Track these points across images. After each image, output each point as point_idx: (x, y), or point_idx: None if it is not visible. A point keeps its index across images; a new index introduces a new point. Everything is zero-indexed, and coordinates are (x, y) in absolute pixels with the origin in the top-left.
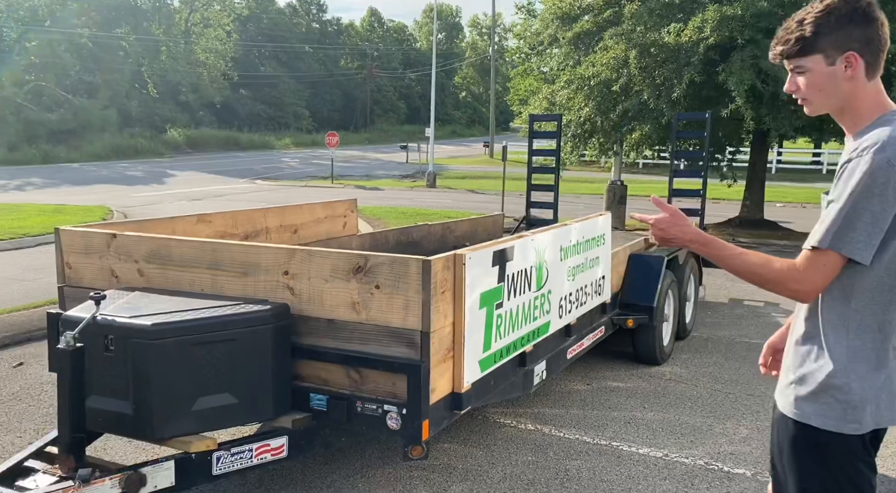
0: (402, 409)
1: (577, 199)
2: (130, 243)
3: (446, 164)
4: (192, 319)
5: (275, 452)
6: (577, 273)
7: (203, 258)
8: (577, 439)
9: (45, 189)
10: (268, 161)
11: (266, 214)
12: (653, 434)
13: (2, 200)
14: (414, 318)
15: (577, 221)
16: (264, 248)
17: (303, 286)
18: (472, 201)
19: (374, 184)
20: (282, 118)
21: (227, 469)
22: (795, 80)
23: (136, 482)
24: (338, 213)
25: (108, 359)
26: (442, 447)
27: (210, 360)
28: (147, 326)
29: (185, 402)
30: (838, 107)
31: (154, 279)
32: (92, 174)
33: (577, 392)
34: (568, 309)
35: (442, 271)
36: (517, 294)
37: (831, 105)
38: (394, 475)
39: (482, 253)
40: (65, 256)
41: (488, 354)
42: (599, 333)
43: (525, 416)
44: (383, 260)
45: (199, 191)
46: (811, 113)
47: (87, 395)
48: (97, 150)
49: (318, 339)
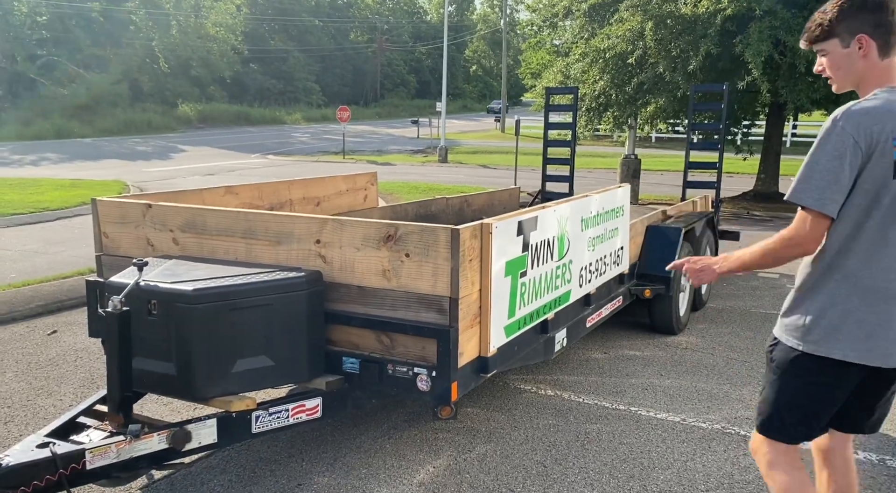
0: (431, 371)
1: (589, 173)
2: (166, 213)
3: (458, 139)
4: (230, 285)
5: (310, 412)
6: (597, 244)
7: (237, 227)
8: (597, 404)
9: (60, 164)
10: (279, 136)
11: (290, 187)
12: (670, 400)
13: (19, 174)
14: (443, 285)
15: (597, 193)
16: (297, 217)
17: (334, 254)
18: (484, 176)
19: (385, 159)
20: (292, 93)
21: (265, 428)
22: (821, 61)
23: (182, 438)
24: (359, 186)
25: (152, 323)
26: (466, 411)
27: (247, 324)
28: (188, 291)
29: (224, 364)
30: (855, 83)
31: (189, 248)
32: (105, 149)
33: (595, 360)
34: (588, 279)
35: (470, 240)
36: (540, 263)
37: (850, 82)
38: (420, 436)
39: (508, 223)
40: (102, 225)
41: (513, 320)
42: (618, 302)
43: (545, 382)
44: (413, 229)
45: (211, 166)
46: (837, 90)
47: (133, 357)
48: (109, 125)
49: (349, 305)
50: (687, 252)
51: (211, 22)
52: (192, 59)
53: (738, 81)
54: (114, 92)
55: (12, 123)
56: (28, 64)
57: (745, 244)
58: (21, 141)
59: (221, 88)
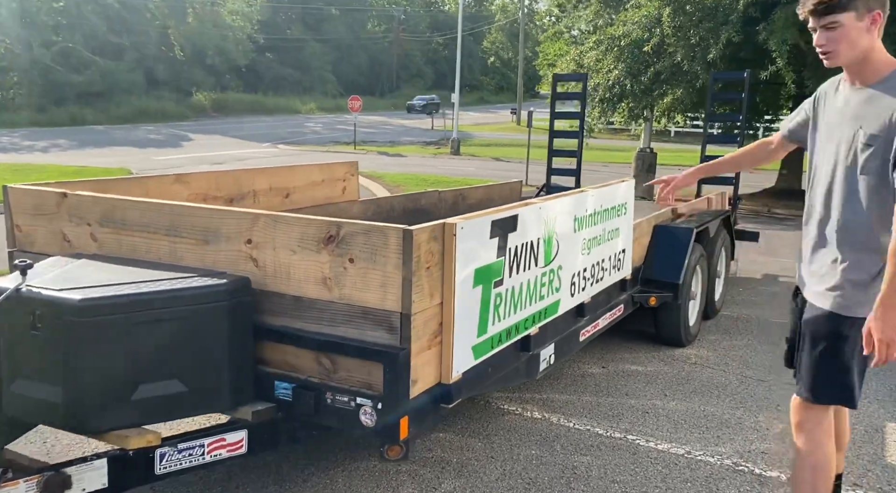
0: (377, 403)
1: (604, 167)
2: (83, 204)
3: (472, 131)
4: (130, 294)
5: (232, 448)
6: (594, 246)
7: (160, 223)
8: (589, 430)
9: (69, 151)
10: (292, 126)
11: (254, 176)
12: (674, 427)
13: (25, 160)
14: (393, 297)
15: (594, 188)
16: (226, 212)
17: (267, 257)
18: (495, 169)
19: (397, 150)
20: (307, 82)
21: (173, 468)
22: (825, 35)
23: (59, 485)
24: (336, 176)
25: (35, 338)
26: (437, 436)
27: (153, 341)
28: (75, 301)
29: (122, 390)
30: (858, 59)
31: (108, 245)
32: (117, 137)
33: (590, 376)
34: (581, 286)
35: (427, 243)
36: (521, 270)
37: (854, 57)
38: (379, 468)
39: (478, 222)
40: (14, 217)
41: (484, 338)
42: (618, 312)
43: (532, 402)
44: (358, 229)
45: (221, 154)
46: (831, 65)
47: (12, 379)
48: (124, 112)
49: (284, 319)
50: (699, 255)
51: (227, 10)
52: (208, 47)
53: (761, 72)
54: (128, 80)
55: (27, 109)
56: (44, 50)
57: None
58: (35, 127)
59: (237, 77)
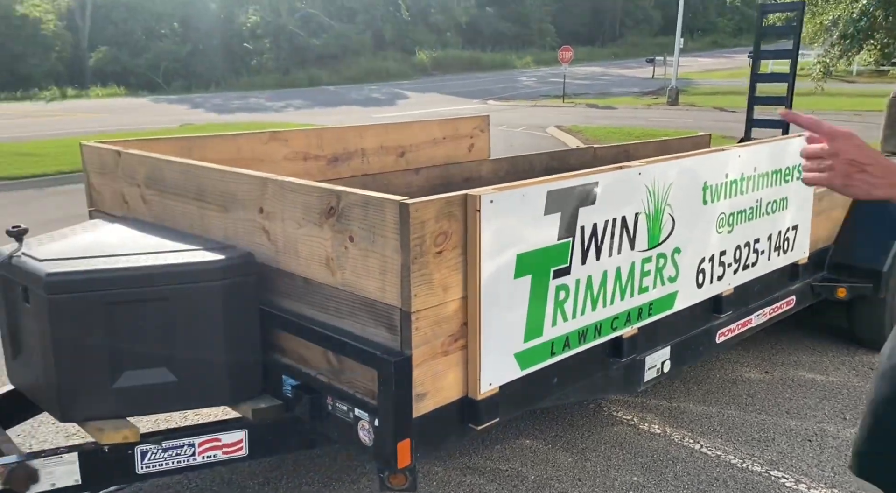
0: (374, 418)
1: (856, 116)
2: (133, 163)
3: (697, 78)
4: (108, 269)
5: (229, 449)
6: (740, 222)
7: (189, 185)
8: (719, 458)
9: (301, 110)
10: (506, 81)
11: (362, 133)
12: (844, 468)
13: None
14: (392, 288)
15: (742, 147)
16: (239, 174)
17: (278, 230)
18: (716, 120)
19: (607, 102)
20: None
21: (157, 468)
22: None
23: (23, 478)
24: (462, 133)
25: (27, 313)
26: (521, 443)
27: (139, 324)
28: (43, 275)
29: (101, 376)
30: None
31: (155, 209)
32: (344, 96)
33: (744, 383)
34: (717, 274)
35: (436, 221)
36: (601, 255)
37: None
38: (441, 475)
39: (521, 193)
40: (89, 175)
41: (538, 342)
42: (785, 305)
43: (654, 411)
44: (356, 200)
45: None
46: None
47: (16, 352)
48: (353, 73)
49: (294, 303)
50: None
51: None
52: (432, 5)
53: None
54: (358, 41)
55: (274, 72)
56: (290, 17)
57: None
58: (279, 89)
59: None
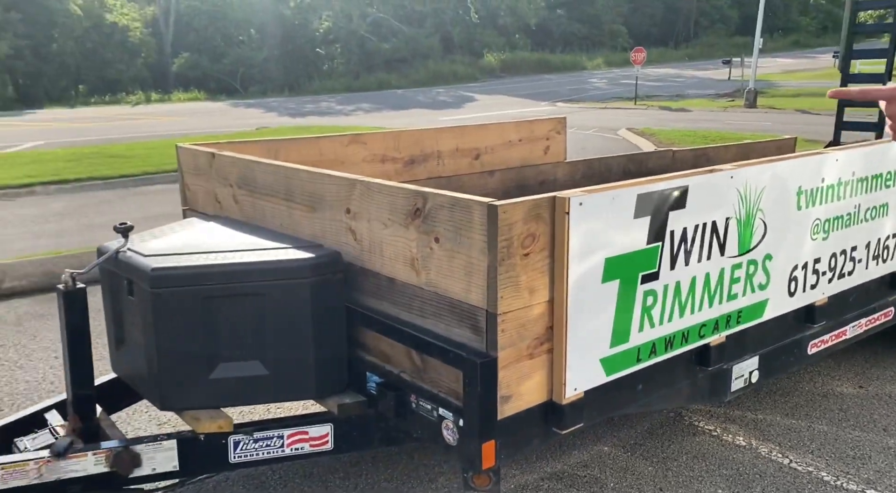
0: (458, 418)
1: None
2: (225, 165)
3: (777, 80)
4: (207, 264)
5: (315, 442)
6: (835, 229)
7: (279, 186)
8: (810, 473)
9: (370, 113)
10: (575, 82)
11: (439, 135)
12: None
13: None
14: (478, 290)
15: (841, 150)
16: (326, 176)
17: (364, 230)
18: (797, 123)
19: (681, 104)
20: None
21: (249, 458)
22: None
23: (128, 462)
24: (538, 135)
25: (131, 305)
26: (600, 450)
27: (234, 318)
28: (148, 269)
29: (198, 367)
30: None
31: (246, 209)
32: (411, 99)
33: (836, 397)
34: (810, 283)
35: (524, 223)
36: (690, 260)
37: None
38: (516, 480)
39: (610, 196)
40: (184, 175)
41: (624, 348)
42: (882, 317)
43: (738, 422)
44: (443, 201)
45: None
46: None
47: (119, 343)
48: (421, 76)
49: (379, 302)
50: None
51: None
52: (501, 8)
53: None
54: (427, 45)
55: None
56: (360, 22)
57: None
58: (349, 93)
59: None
